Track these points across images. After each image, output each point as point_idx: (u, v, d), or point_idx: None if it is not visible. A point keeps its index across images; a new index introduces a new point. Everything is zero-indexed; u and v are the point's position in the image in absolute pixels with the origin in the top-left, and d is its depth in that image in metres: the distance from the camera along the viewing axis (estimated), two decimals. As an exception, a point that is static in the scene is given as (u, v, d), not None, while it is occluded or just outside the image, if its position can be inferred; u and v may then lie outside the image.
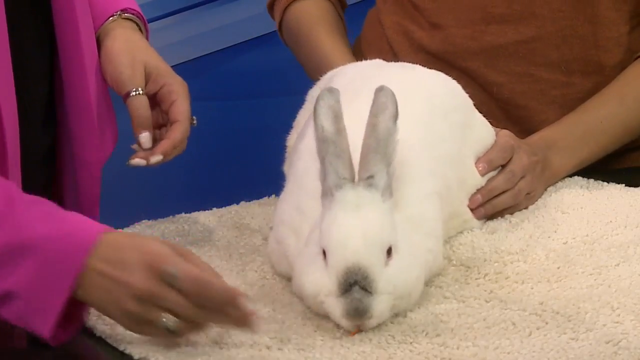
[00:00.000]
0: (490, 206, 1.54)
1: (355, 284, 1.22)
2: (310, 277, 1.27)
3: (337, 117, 1.29)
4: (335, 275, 1.23)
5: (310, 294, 1.27)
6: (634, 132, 1.79)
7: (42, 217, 1.26)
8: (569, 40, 1.81)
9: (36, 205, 1.28)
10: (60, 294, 1.24)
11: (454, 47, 1.85)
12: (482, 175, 1.54)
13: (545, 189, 1.65)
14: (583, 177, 1.73)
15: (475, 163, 1.54)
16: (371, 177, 1.27)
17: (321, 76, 1.61)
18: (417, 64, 1.64)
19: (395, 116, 1.28)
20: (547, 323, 1.24)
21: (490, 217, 1.55)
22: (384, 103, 1.28)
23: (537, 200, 1.61)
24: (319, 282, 1.25)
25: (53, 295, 1.24)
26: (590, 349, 1.17)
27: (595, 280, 1.35)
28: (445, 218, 1.45)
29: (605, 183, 1.70)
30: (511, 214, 1.57)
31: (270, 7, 1.97)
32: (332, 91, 1.30)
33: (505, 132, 1.61)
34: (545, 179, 1.65)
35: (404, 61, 1.85)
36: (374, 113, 1.28)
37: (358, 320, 1.23)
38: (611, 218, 1.54)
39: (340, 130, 1.28)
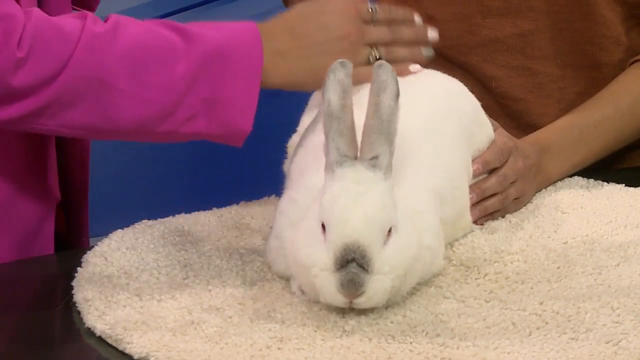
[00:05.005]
0: (483, 208, 1.54)
1: (352, 260, 1.21)
2: (307, 249, 1.25)
3: (345, 93, 1.26)
4: (333, 251, 1.22)
5: (306, 267, 1.25)
6: (625, 139, 1.79)
7: (207, 29, 1.44)
8: (564, 34, 1.81)
9: (196, 24, 1.45)
10: (254, 81, 1.42)
11: (451, 41, 1.85)
12: (476, 176, 1.53)
13: (535, 194, 1.65)
14: (583, 177, 1.73)
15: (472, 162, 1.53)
16: (375, 157, 1.26)
17: None
18: None
19: (397, 94, 1.26)
20: (547, 323, 1.24)
21: (483, 219, 1.55)
22: (384, 81, 1.26)
23: (525, 205, 1.61)
24: (316, 255, 1.24)
25: (249, 87, 1.42)
26: (590, 349, 1.16)
27: (595, 280, 1.35)
28: (451, 220, 1.45)
29: (605, 183, 1.70)
30: (500, 217, 1.56)
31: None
32: (344, 64, 1.28)
33: (503, 131, 1.61)
34: (537, 183, 1.65)
35: None
36: (375, 91, 1.26)
37: (352, 293, 1.21)
38: (611, 218, 1.54)
39: (345, 106, 1.26)
